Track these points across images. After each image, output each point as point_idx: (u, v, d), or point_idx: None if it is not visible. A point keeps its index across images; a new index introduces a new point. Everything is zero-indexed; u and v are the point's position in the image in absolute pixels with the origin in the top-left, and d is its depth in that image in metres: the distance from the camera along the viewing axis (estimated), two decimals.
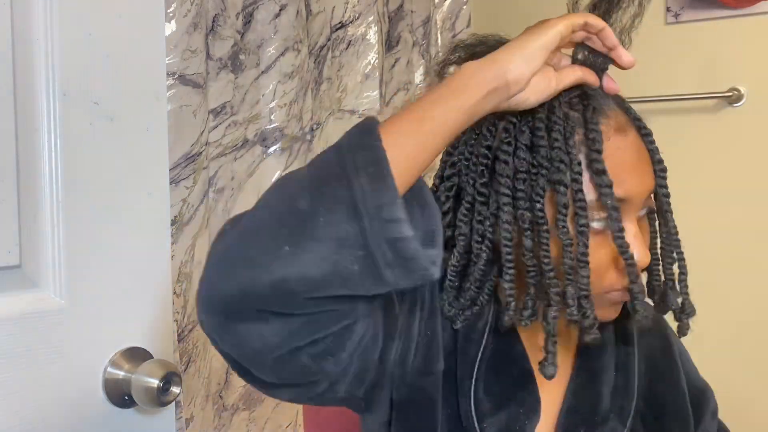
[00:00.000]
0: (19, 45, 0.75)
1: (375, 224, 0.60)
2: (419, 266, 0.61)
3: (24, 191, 0.75)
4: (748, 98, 1.63)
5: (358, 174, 0.61)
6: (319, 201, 0.61)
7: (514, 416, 0.77)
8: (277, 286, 0.60)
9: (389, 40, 1.61)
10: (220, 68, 1.19)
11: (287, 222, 0.61)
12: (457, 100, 0.67)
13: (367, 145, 0.63)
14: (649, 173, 0.74)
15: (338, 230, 0.60)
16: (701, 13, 1.67)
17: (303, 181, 0.63)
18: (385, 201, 0.60)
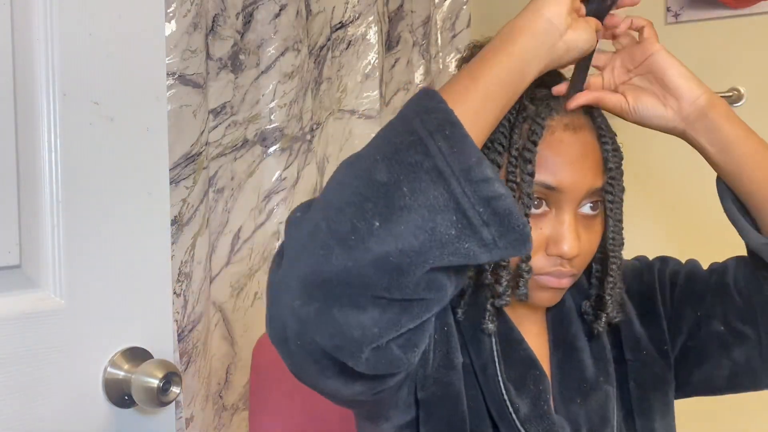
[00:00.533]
0: (19, 45, 0.75)
1: (466, 186, 0.59)
2: (517, 222, 0.60)
3: (24, 191, 0.75)
4: (748, 98, 1.63)
5: (433, 137, 0.60)
6: (398, 170, 0.60)
7: (536, 394, 0.80)
8: (379, 263, 0.59)
9: (389, 40, 1.61)
10: (220, 68, 1.19)
11: (370, 196, 0.60)
12: (506, 48, 0.68)
13: (433, 108, 0.62)
14: (593, 173, 0.77)
15: (426, 197, 0.59)
16: (701, 13, 1.67)
17: (374, 154, 0.61)
18: (472, 162, 0.60)
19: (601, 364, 0.84)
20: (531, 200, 0.75)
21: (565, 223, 0.76)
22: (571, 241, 0.76)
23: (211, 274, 1.20)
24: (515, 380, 0.80)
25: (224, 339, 1.24)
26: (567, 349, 0.85)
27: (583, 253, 0.78)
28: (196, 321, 1.13)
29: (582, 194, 0.77)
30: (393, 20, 1.62)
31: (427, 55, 1.72)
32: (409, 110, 0.63)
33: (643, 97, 0.80)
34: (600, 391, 0.83)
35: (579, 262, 0.79)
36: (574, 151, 0.76)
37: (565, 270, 0.78)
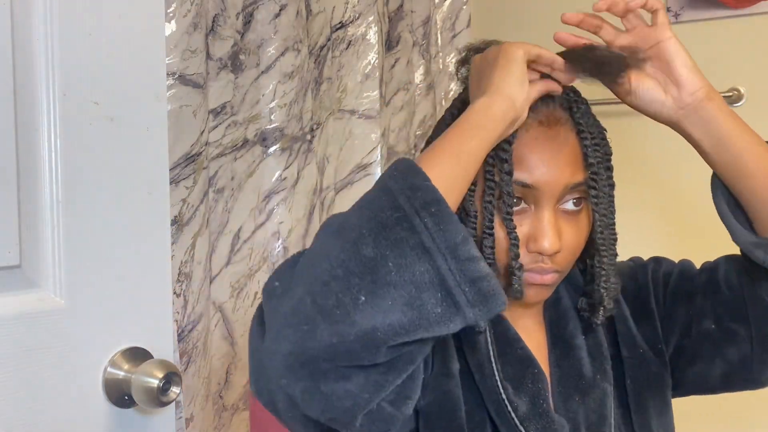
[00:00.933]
0: (19, 45, 0.75)
1: (452, 263, 0.60)
2: (500, 301, 0.62)
3: (24, 191, 0.75)
4: (748, 98, 1.63)
5: (419, 215, 0.61)
6: (384, 245, 0.61)
7: (535, 393, 0.80)
8: (365, 338, 0.60)
9: (389, 40, 1.61)
10: (220, 68, 1.19)
11: (355, 270, 0.61)
12: (485, 133, 0.71)
13: (418, 186, 0.64)
14: (572, 168, 0.78)
15: (412, 272, 0.60)
16: (701, 13, 1.67)
17: (360, 227, 0.62)
18: (458, 240, 0.61)
19: (598, 362, 0.84)
20: (511, 198, 0.76)
21: (544, 220, 0.77)
22: (550, 237, 0.76)
23: (211, 274, 1.20)
24: (513, 379, 0.80)
25: (224, 339, 1.24)
26: (564, 347, 0.85)
27: (566, 249, 0.78)
28: (196, 321, 1.13)
29: (560, 190, 0.77)
30: (393, 20, 1.62)
31: (427, 55, 1.72)
32: (394, 185, 0.64)
33: (645, 79, 0.81)
34: (598, 389, 0.83)
35: (561, 258, 0.79)
36: (549, 148, 0.77)
37: (547, 266, 0.78)
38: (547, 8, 1.84)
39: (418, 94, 1.70)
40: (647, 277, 0.90)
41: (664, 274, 0.90)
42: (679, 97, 0.80)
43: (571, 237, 0.79)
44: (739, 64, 1.64)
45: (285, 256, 1.30)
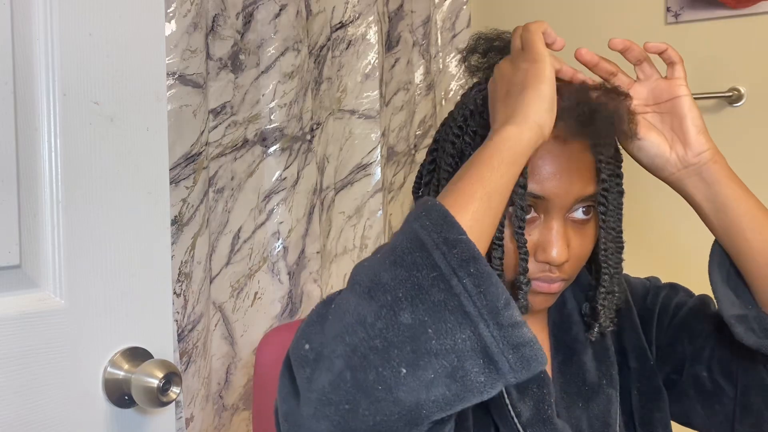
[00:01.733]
0: (19, 45, 0.75)
1: (494, 330, 0.57)
2: (539, 363, 0.59)
3: (24, 191, 0.75)
4: (748, 98, 1.63)
5: (458, 275, 0.58)
6: (422, 310, 0.57)
7: (540, 398, 0.79)
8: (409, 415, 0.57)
9: (389, 40, 1.61)
10: (220, 68, 1.19)
11: (395, 340, 0.57)
12: (515, 168, 0.68)
13: (454, 241, 0.60)
14: (583, 181, 0.76)
15: (454, 340, 0.57)
16: (701, 13, 1.67)
17: (395, 290, 0.58)
18: (500, 304, 0.58)
19: (603, 368, 0.84)
20: (524, 212, 0.75)
21: (553, 230, 0.76)
22: (559, 248, 0.75)
23: (211, 274, 1.20)
24: (517, 384, 0.78)
25: (224, 339, 1.24)
26: (568, 352, 0.84)
27: (573, 258, 0.78)
28: (196, 321, 1.13)
29: (570, 202, 0.76)
30: (393, 20, 1.62)
31: (427, 55, 1.72)
32: (428, 238, 0.60)
33: (652, 132, 0.80)
34: (602, 395, 0.82)
35: (569, 267, 0.78)
36: (561, 162, 0.75)
37: (554, 276, 0.77)
38: (547, 8, 1.84)
39: (418, 94, 1.70)
40: (656, 303, 0.89)
41: (676, 304, 0.88)
42: (684, 156, 0.79)
43: (579, 246, 0.78)
44: (739, 64, 1.64)
45: (285, 255, 1.30)
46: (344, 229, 1.49)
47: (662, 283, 0.93)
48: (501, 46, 0.83)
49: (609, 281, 0.80)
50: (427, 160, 0.86)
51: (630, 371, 0.85)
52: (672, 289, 0.91)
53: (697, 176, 0.78)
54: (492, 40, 0.84)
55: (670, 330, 0.87)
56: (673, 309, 0.88)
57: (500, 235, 0.75)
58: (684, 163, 0.79)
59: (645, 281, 0.93)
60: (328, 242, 1.46)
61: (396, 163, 1.64)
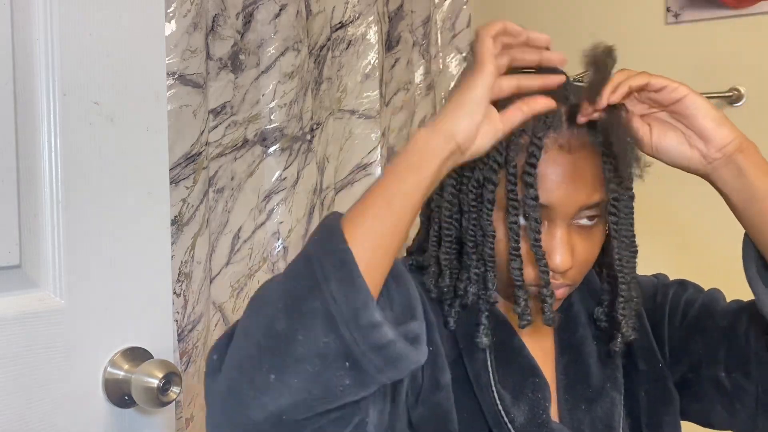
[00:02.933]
0: (19, 45, 0.75)
1: (355, 333, 0.59)
2: (409, 362, 0.61)
3: (24, 191, 0.75)
4: (748, 98, 1.63)
5: (328, 281, 0.60)
6: (295, 318, 0.60)
7: (534, 402, 0.79)
8: (274, 421, 0.59)
9: (389, 40, 1.61)
10: (220, 68, 1.19)
11: (267, 347, 0.60)
12: (419, 175, 0.67)
13: (331, 249, 0.62)
14: (589, 190, 0.75)
15: (318, 345, 0.59)
16: (701, 13, 1.67)
17: (278, 300, 0.62)
18: (359, 305, 0.59)
19: (608, 370, 0.83)
20: (539, 225, 0.74)
21: (557, 237, 0.75)
22: (562, 255, 0.74)
23: (211, 274, 1.20)
24: (513, 388, 0.79)
25: None
26: (572, 354, 0.84)
27: (578, 264, 0.77)
28: (196, 321, 1.13)
29: (574, 210, 0.75)
30: (393, 20, 1.62)
31: (427, 55, 1.72)
32: (313, 249, 0.63)
33: (668, 132, 0.76)
34: (606, 398, 0.82)
35: (573, 273, 0.77)
36: (565, 171, 0.74)
37: (558, 282, 0.76)
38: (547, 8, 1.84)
39: (418, 94, 1.70)
40: (666, 301, 0.88)
41: (686, 301, 0.87)
42: (706, 152, 0.75)
43: (583, 251, 0.77)
44: (739, 64, 1.64)
45: (285, 255, 1.30)
46: None
47: (670, 281, 0.91)
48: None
49: (627, 290, 0.79)
50: None
51: (638, 374, 0.84)
52: (680, 286, 0.89)
53: (723, 169, 0.75)
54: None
55: (682, 329, 0.86)
56: (684, 307, 0.87)
57: (517, 245, 0.75)
58: (708, 159, 0.75)
59: (653, 279, 0.92)
60: None
61: None
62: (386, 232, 0.65)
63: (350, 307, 0.59)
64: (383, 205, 0.66)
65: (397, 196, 0.66)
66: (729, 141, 0.75)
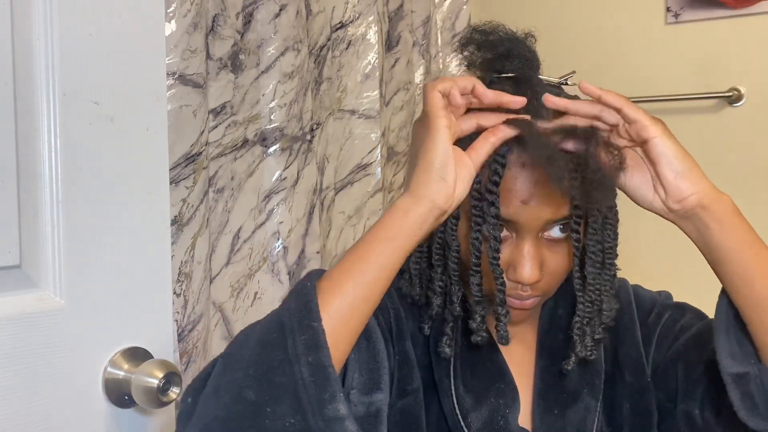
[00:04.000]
0: (19, 45, 0.75)
1: (319, 422, 0.61)
2: None
3: (24, 191, 0.75)
4: (748, 98, 1.63)
5: (299, 362, 0.62)
6: (265, 390, 0.62)
7: (495, 408, 0.79)
8: None
9: (389, 40, 1.61)
10: (220, 68, 1.19)
11: (236, 414, 0.62)
12: (396, 242, 0.68)
13: (306, 327, 0.64)
14: (555, 205, 0.73)
15: (284, 423, 0.61)
16: (701, 13, 1.67)
17: (249, 365, 0.63)
18: (326, 396, 0.61)
19: (587, 376, 0.82)
20: (498, 243, 0.73)
21: (524, 251, 0.74)
22: (529, 268, 0.73)
23: (211, 274, 1.20)
24: (477, 392, 0.79)
25: (224, 339, 1.24)
26: (552, 358, 0.83)
27: (548, 275, 0.76)
28: (196, 321, 1.13)
29: (541, 224, 0.74)
30: (393, 20, 1.62)
31: (427, 55, 1.72)
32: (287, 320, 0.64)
33: (636, 173, 0.74)
34: (581, 404, 0.81)
35: (544, 284, 0.76)
36: (529, 188, 0.72)
37: (526, 294, 0.76)
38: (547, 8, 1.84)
39: (418, 94, 1.70)
40: (658, 323, 0.85)
41: (680, 327, 0.84)
42: (665, 201, 0.72)
43: (554, 264, 0.76)
44: (739, 64, 1.64)
45: (285, 255, 1.30)
46: (344, 229, 1.49)
47: (670, 302, 0.89)
48: (495, 40, 0.80)
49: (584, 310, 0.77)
50: None
51: (624, 385, 0.84)
52: (679, 310, 0.86)
53: (684, 221, 0.73)
54: (487, 33, 0.81)
55: (669, 355, 0.83)
56: (676, 332, 0.84)
57: (477, 261, 0.74)
58: (668, 208, 0.73)
59: (655, 296, 0.89)
60: (328, 242, 1.46)
61: (396, 163, 1.65)
62: (358, 303, 0.67)
63: (318, 396, 0.61)
64: (357, 274, 0.67)
65: (373, 266, 0.68)
66: (686, 196, 0.71)
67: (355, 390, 0.67)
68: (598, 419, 0.82)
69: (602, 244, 0.76)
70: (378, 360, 0.69)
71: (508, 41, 0.79)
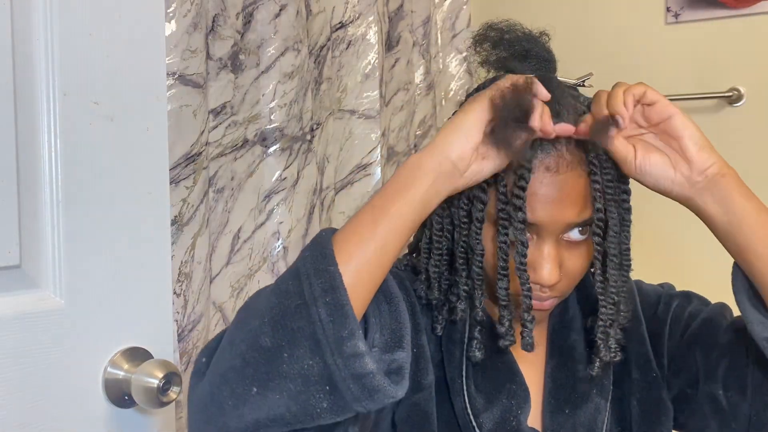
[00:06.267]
0: (19, 45, 0.75)
1: (338, 359, 0.60)
2: (385, 395, 0.62)
3: (24, 191, 0.75)
4: (748, 98, 1.63)
5: (317, 303, 0.61)
6: (281, 335, 0.61)
7: (507, 408, 0.79)
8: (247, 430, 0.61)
9: (389, 40, 1.61)
10: (220, 68, 1.19)
11: (252, 360, 0.61)
12: (408, 192, 0.68)
13: (322, 270, 0.63)
14: (578, 208, 0.75)
15: (302, 366, 0.60)
16: (701, 13, 1.67)
17: (265, 314, 0.63)
18: (344, 334, 0.61)
19: (596, 377, 0.83)
20: (525, 248, 0.74)
21: (545, 252, 0.75)
22: (549, 270, 0.75)
23: (211, 274, 1.20)
24: (489, 392, 0.79)
25: None
26: (562, 358, 0.84)
27: (566, 276, 0.77)
28: (196, 321, 1.13)
29: (562, 227, 0.75)
30: (393, 20, 1.62)
31: (427, 55, 1.72)
32: (303, 267, 0.64)
33: (653, 155, 0.75)
34: (590, 403, 0.82)
35: (562, 286, 0.77)
36: (552, 191, 0.74)
37: (545, 295, 0.77)
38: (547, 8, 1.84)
39: (418, 94, 1.70)
40: (668, 313, 0.87)
41: (689, 313, 0.86)
42: (689, 175, 0.74)
43: (572, 265, 0.77)
44: (739, 64, 1.64)
45: (285, 255, 1.30)
46: None
47: (675, 291, 0.91)
48: (512, 39, 0.81)
49: (607, 312, 0.78)
50: None
51: (631, 381, 0.84)
52: (685, 298, 0.88)
53: (706, 192, 0.75)
54: (503, 31, 0.81)
55: (683, 342, 0.85)
56: (686, 319, 0.86)
57: (505, 265, 0.75)
58: (690, 182, 0.74)
59: (658, 288, 0.91)
60: None
61: (396, 163, 1.65)
62: (373, 255, 0.66)
63: (336, 334, 0.60)
64: (369, 225, 0.67)
65: (383, 216, 0.67)
66: (710, 164, 0.74)
67: (376, 348, 0.65)
68: (607, 419, 0.82)
69: (620, 245, 0.77)
70: (400, 321, 0.68)
71: (526, 41, 0.79)
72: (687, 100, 1.67)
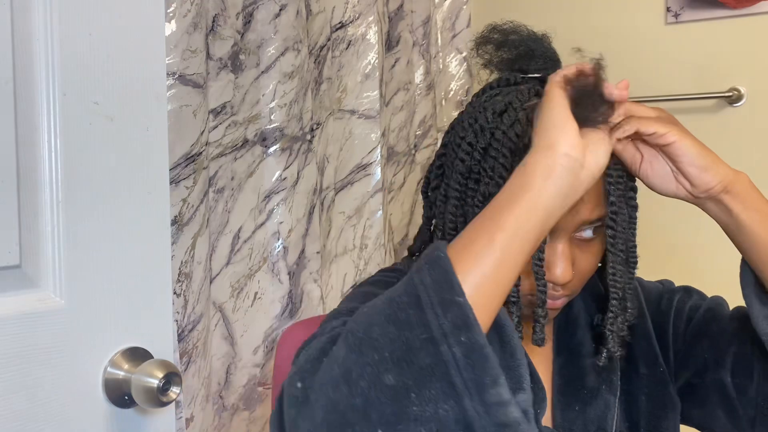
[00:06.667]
0: (19, 45, 0.75)
1: (479, 406, 0.56)
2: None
3: (24, 191, 0.75)
4: (748, 98, 1.63)
5: (448, 341, 0.56)
6: (407, 373, 0.56)
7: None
8: None
9: (389, 40, 1.61)
10: (220, 68, 1.19)
11: (374, 400, 0.56)
12: (525, 196, 0.63)
13: (449, 303, 0.57)
14: (591, 206, 0.75)
15: (436, 409, 0.55)
16: (701, 13, 1.67)
17: (383, 348, 0.57)
18: (487, 381, 0.56)
19: (604, 373, 0.83)
20: (543, 244, 0.74)
21: (558, 251, 0.75)
22: (563, 268, 0.75)
23: (211, 274, 1.20)
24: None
25: (224, 339, 1.24)
26: (569, 355, 0.84)
27: (578, 274, 0.77)
28: (196, 321, 1.13)
29: (575, 226, 0.75)
30: (393, 20, 1.62)
31: (427, 55, 1.72)
32: (425, 295, 0.58)
33: (657, 165, 0.76)
34: (600, 400, 0.82)
35: (573, 284, 0.78)
36: None
37: (558, 293, 0.77)
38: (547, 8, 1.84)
39: (418, 94, 1.70)
40: (671, 307, 0.88)
41: (690, 307, 0.87)
42: (692, 190, 0.76)
43: (584, 263, 0.78)
44: (739, 64, 1.64)
45: (285, 255, 1.30)
46: (344, 229, 1.49)
47: (676, 287, 0.92)
48: (516, 40, 0.80)
49: (617, 305, 0.78)
50: (435, 164, 0.85)
51: (638, 377, 0.85)
52: (686, 293, 0.90)
53: (710, 205, 0.76)
54: (507, 33, 0.81)
55: (687, 334, 0.86)
56: (689, 312, 0.87)
57: None
58: (694, 195, 0.76)
59: (658, 285, 0.92)
60: (328, 242, 1.46)
61: (396, 163, 1.65)
62: (494, 277, 0.60)
63: (477, 379, 0.56)
64: (497, 252, 0.61)
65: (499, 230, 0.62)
66: (712, 186, 0.74)
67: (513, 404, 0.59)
68: (616, 416, 0.83)
69: (627, 242, 0.78)
70: (517, 357, 0.64)
71: (530, 41, 0.79)
72: (687, 100, 1.67)
